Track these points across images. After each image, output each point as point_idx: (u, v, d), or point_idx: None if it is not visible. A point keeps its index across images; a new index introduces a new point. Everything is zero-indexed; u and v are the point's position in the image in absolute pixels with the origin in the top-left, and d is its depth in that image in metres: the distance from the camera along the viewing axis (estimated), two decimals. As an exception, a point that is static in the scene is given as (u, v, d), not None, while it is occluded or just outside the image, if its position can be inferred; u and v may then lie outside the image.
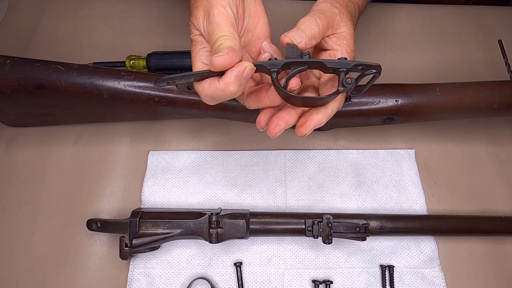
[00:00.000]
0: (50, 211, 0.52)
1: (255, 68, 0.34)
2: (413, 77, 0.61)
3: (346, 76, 0.36)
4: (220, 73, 0.34)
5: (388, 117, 0.50)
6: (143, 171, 0.54)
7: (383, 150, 0.56)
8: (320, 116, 0.38)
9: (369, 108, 0.49)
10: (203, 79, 0.36)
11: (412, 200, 0.53)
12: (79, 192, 0.53)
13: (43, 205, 0.52)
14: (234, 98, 0.43)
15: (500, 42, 0.58)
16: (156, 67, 0.58)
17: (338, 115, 0.49)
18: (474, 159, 0.56)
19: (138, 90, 0.47)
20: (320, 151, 0.56)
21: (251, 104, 0.40)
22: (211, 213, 0.46)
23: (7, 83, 0.46)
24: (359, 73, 0.37)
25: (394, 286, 0.48)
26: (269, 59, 0.36)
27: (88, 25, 0.66)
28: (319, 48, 0.43)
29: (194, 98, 0.48)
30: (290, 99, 0.38)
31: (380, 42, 0.66)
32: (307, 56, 0.36)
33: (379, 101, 0.49)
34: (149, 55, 0.58)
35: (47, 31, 0.65)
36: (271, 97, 0.38)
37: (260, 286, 0.48)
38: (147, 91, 0.47)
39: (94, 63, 0.59)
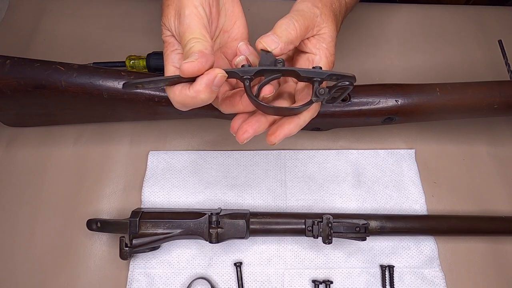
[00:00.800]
0: (50, 211, 0.52)
1: (226, 75, 0.33)
2: (413, 77, 0.61)
3: (320, 86, 0.36)
4: (192, 79, 0.33)
5: (388, 117, 0.50)
6: (143, 171, 0.54)
7: (383, 150, 0.56)
8: (292, 126, 0.37)
9: (369, 108, 0.49)
10: (175, 84, 0.34)
11: (412, 200, 0.53)
12: (79, 192, 0.53)
13: (43, 205, 0.52)
14: None
15: (500, 42, 0.58)
16: (156, 67, 0.58)
17: (338, 115, 0.50)
18: (474, 159, 0.56)
19: (138, 90, 0.47)
20: (320, 151, 0.56)
21: (225, 109, 0.39)
22: (211, 213, 0.46)
23: (7, 83, 0.46)
24: (334, 82, 0.36)
25: (394, 286, 0.48)
26: (243, 66, 0.36)
27: (88, 25, 0.66)
28: (299, 49, 0.41)
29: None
30: (261, 108, 0.37)
31: (380, 42, 0.66)
32: (281, 64, 0.36)
33: (379, 101, 0.49)
34: (149, 55, 0.58)
35: (47, 31, 0.65)
36: (245, 104, 0.37)
37: (260, 286, 0.48)
38: (147, 91, 0.47)
39: (94, 63, 0.59)
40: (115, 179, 0.54)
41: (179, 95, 0.34)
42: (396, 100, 0.49)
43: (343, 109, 0.49)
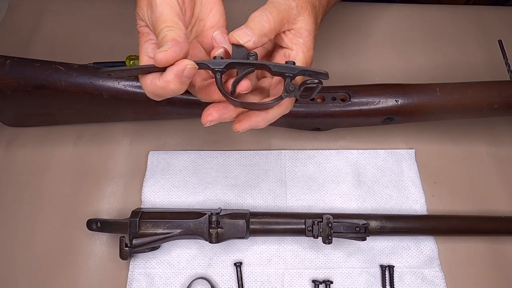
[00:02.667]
0: (50, 211, 0.52)
1: (197, 66, 0.33)
2: (413, 77, 0.61)
3: (292, 82, 0.35)
4: (164, 68, 0.33)
5: (388, 117, 0.50)
6: (143, 171, 0.54)
7: (383, 150, 0.56)
8: (259, 119, 0.37)
9: (369, 108, 0.49)
10: (148, 73, 0.34)
11: (412, 200, 0.53)
12: (79, 192, 0.53)
13: (43, 205, 0.52)
14: None
15: (500, 42, 0.58)
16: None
17: (338, 115, 0.50)
18: (474, 159, 0.56)
19: (138, 90, 0.47)
20: (320, 151, 0.56)
21: (202, 98, 0.39)
22: (211, 213, 0.46)
23: (7, 83, 0.46)
24: (307, 78, 0.35)
25: (394, 286, 0.48)
26: (214, 57, 0.35)
27: (88, 25, 0.66)
28: (277, 44, 0.40)
29: (194, 98, 0.48)
30: (231, 101, 0.37)
31: (380, 42, 0.66)
32: (254, 57, 0.35)
33: (379, 101, 0.49)
34: (149, 55, 0.58)
35: (47, 31, 0.65)
36: (220, 95, 0.37)
37: (260, 286, 0.48)
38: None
39: (94, 63, 0.58)
40: (115, 179, 0.54)
41: (150, 85, 0.34)
42: (396, 100, 0.49)
43: (343, 109, 0.49)
